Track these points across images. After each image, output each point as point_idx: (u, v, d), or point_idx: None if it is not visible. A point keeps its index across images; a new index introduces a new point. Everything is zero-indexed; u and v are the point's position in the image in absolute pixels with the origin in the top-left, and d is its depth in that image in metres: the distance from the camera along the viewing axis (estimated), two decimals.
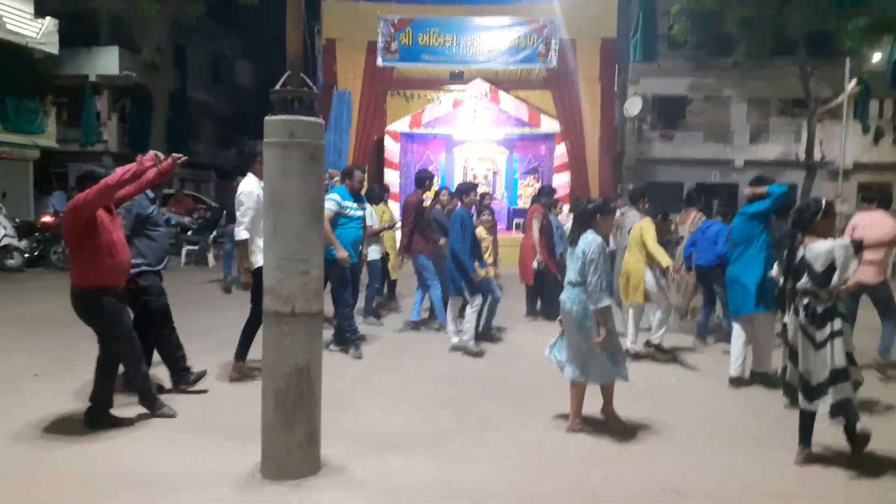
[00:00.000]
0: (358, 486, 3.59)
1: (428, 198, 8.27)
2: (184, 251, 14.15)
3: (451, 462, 3.96)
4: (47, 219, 13.68)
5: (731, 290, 5.69)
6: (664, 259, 6.23)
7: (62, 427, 4.33)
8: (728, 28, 18.83)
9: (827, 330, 3.84)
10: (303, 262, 3.54)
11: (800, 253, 3.98)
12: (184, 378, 5.13)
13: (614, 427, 4.42)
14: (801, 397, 3.94)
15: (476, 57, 14.84)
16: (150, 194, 4.99)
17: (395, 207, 11.69)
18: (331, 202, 5.99)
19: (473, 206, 6.89)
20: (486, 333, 7.22)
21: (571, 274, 4.40)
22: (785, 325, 4.08)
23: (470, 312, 6.51)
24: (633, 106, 21.51)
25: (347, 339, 6.34)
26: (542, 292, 8.26)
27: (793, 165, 21.90)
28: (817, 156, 20.51)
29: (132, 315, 4.56)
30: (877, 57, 20.08)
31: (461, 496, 3.53)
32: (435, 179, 12.24)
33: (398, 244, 8.26)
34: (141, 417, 4.48)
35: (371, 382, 5.62)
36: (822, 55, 19.43)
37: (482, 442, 4.29)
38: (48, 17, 19.76)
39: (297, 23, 3.62)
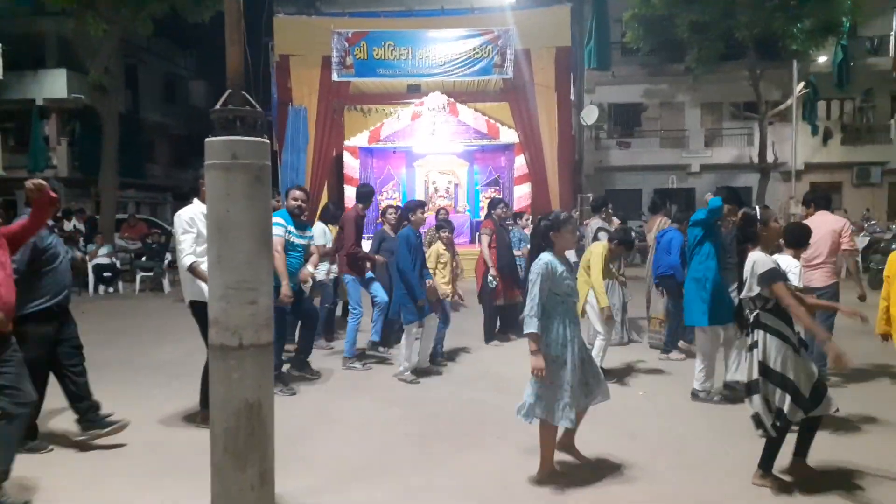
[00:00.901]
0: None
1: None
2: (138, 277, 13.71)
3: (417, 493, 3.79)
4: None
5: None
6: (602, 298, 5.87)
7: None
8: (679, 33, 19.17)
9: (753, 337, 3.84)
10: (251, 290, 3.33)
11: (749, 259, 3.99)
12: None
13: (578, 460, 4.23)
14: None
15: (432, 70, 14.78)
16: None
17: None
18: (278, 227, 5.53)
19: (421, 226, 6.61)
20: (439, 359, 6.94)
21: None
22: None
23: (406, 340, 6.23)
24: (590, 114, 21.72)
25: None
26: (500, 311, 8.09)
27: (747, 168, 22.35)
28: (770, 158, 20.97)
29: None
30: (822, 59, 20.67)
31: None
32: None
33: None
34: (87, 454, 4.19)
35: (329, 412, 5.39)
36: (770, 58, 19.92)
37: (449, 470, 4.12)
38: None
39: (237, 38, 3.43)
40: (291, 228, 5.76)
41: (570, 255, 5.45)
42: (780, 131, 21.70)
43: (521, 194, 16.36)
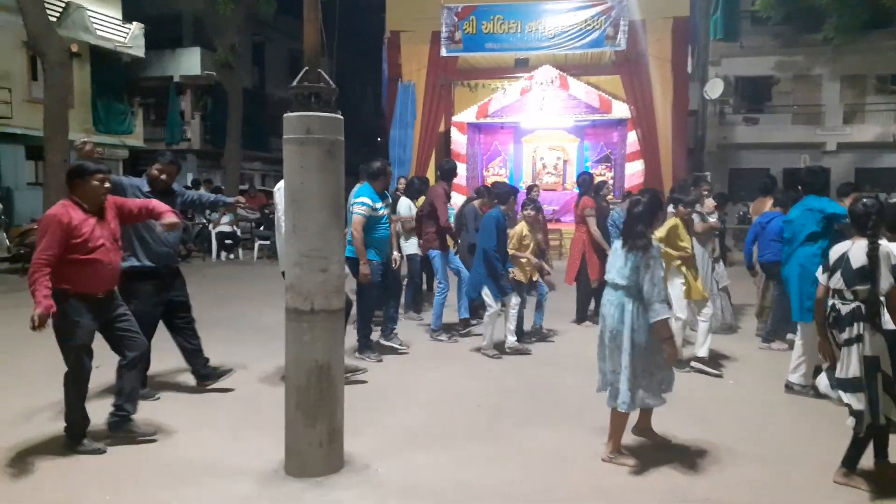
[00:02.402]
0: (378, 485, 3.54)
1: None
2: (256, 245, 14.59)
3: (476, 462, 3.86)
4: None
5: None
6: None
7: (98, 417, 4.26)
8: (817, 0, 17.60)
9: (854, 331, 3.49)
10: (322, 259, 3.51)
11: (842, 249, 3.63)
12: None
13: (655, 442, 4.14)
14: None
15: (541, 43, 14.52)
16: (144, 187, 4.79)
17: (458, 200, 11.39)
18: (363, 206, 5.71)
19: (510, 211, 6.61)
20: (538, 332, 7.03)
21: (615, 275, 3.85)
22: None
23: (488, 318, 6.31)
24: (714, 88, 20.58)
25: (360, 343, 6.08)
26: (594, 292, 7.92)
27: (890, 147, 20.33)
28: None
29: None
30: None
31: (479, 497, 3.44)
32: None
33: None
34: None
35: (409, 380, 5.56)
36: None
37: (512, 443, 4.16)
38: (135, 22, 20.83)
39: (314, 15, 3.57)
40: (378, 204, 5.90)
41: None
42: None
43: (633, 172, 15.78)
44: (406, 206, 7.42)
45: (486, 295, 6.26)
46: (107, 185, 3.97)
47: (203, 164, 24.29)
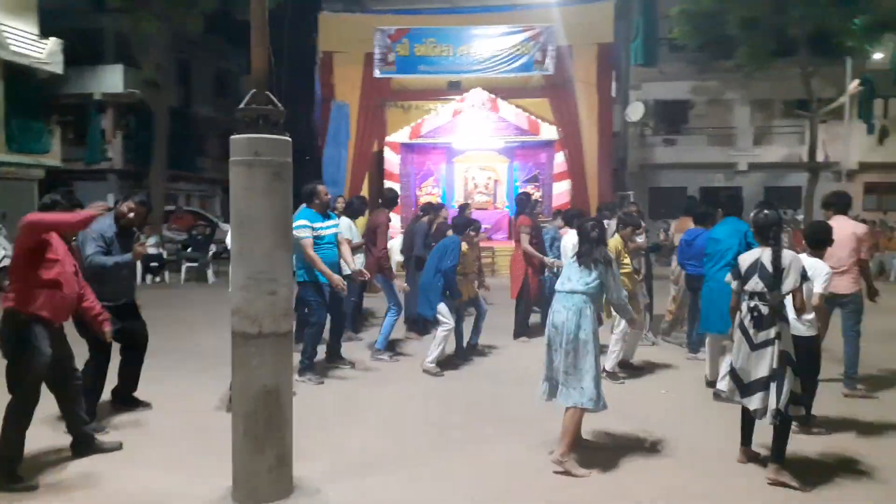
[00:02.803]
0: None
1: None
2: (184, 268, 14.19)
3: (428, 481, 3.90)
4: None
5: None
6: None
7: (41, 452, 4.27)
8: (729, 30, 18.72)
9: (773, 331, 3.82)
10: (270, 281, 3.50)
11: (754, 255, 3.99)
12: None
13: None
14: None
15: (473, 66, 14.86)
16: (109, 232, 4.75)
17: (396, 219, 11.54)
18: (304, 230, 5.76)
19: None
20: (473, 349, 7.14)
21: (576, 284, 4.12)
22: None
23: (440, 335, 6.40)
24: (635, 111, 21.45)
25: (301, 364, 6.03)
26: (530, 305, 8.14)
27: (797, 168, 21.72)
28: (821, 157, 20.32)
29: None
30: (879, 55, 19.92)
31: None
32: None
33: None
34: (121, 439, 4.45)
35: (354, 400, 5.55)
36: (823, 55, 19.28)
37: (462, 460, 4.22)
38: (52, 38, 19.98)
39: (262, 39, 3.59)
40: (319, 224, 5.94)
41: None
42: (832, 130, 21.02)
43: (560, 191, 16.28)
44: (346, 226, 7.41)
45: (442, 314, 6.37)
46: None
47: (125, 185, 23.40)
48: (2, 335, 3.79)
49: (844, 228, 5.39)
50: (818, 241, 4.50)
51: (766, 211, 4.06)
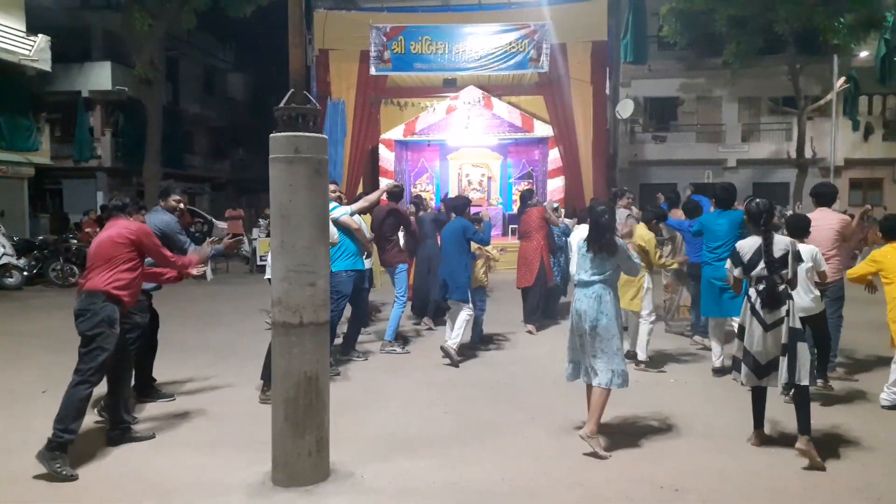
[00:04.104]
0: (366, 490, 3.68)
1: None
2: None
3: (456, 464, 4.05)
4: None
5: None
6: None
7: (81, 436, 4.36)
8: (717, 28, 19.05)
9: (784, 310, 4.07)
10: (310, 273, 3.63)
11: (755, 242, 4.22)
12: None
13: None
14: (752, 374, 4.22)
15: (468, 64, 14.95)
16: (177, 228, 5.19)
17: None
18: (339, 209, 6.12)
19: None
20: (483, 340, 7.31)
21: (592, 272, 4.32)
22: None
23: (461, 320, 6.56)
24: (625, 108, 21.68)
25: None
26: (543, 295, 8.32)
27: (784, 164, 22.11)
28: (808, 154, 20.72)
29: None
30: (864, 53, 20.32)
31: (468, 497, 3.62)
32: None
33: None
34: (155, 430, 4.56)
35: (372, 391, 5.69)
36: (810, 53, 19.68)
37: (486, 445, 4.38)
38: (41, 35, 19.83)
39: (299, 39, 3.72)
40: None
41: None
42: (819, 126, 21.44)
43: (555, 188, 16.44)
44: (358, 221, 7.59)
45: (468, 297, 6.60)
46: None
47: (114, 183, 23.31)
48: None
49: (826, 219, 5.71)
50: (797, 229, 4.92)
51: (757, 200, 4.33)
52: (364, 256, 6.63)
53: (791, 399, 4.21)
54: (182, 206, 5.26)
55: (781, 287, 4.10)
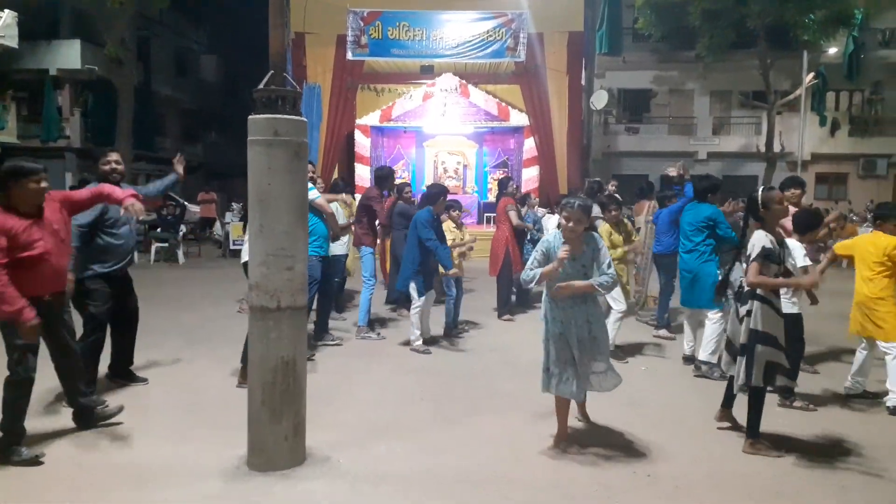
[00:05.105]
0: (343, 474, 3.69)
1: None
2: (153, 248, 14.01)
3: (431, 450, 4.08)
4: None
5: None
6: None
7: (48, 423, 4.34)
8: (691, 21, 19.27)
9: (747, 307, 4.08)
10: (288, 257, 3.62)
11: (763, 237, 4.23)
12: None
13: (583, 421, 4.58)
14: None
15: (445, 51, 14.93)
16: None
17: None
18: (313, 191, 5.93)
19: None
20: (458, 327, 7.34)
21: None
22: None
23: (416, 312, 6.55)
24: (600, 99, 21.81)
25: None
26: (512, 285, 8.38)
27: (754, 157, 22.50)
28: (777, 148, 21.11)
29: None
30: (833, 50, 20.72)
31: (443, 482, 3.66)
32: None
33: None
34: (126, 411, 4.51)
35: (347, 377, 5.68)
36: (781, 48, 19.99)
37: (461, 432, 4.42)
38: (7, 10, 19.24)
39: (281, 21, 3.68)
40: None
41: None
42: (788, 121, 21.81)
43: (529, 177, 16.57)
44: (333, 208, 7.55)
45: (414, 290, 6.51)
46: (44, 185, 3.87)
47: (84, 164, 22.82)
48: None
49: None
50: (805, 227, 4.89)
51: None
52: (334, 242, 6.61)
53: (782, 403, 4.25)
54: (117, 164, 4.89)
55: (741, 284, 4.12)
